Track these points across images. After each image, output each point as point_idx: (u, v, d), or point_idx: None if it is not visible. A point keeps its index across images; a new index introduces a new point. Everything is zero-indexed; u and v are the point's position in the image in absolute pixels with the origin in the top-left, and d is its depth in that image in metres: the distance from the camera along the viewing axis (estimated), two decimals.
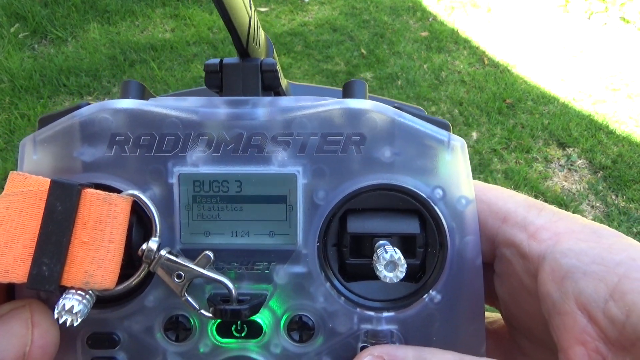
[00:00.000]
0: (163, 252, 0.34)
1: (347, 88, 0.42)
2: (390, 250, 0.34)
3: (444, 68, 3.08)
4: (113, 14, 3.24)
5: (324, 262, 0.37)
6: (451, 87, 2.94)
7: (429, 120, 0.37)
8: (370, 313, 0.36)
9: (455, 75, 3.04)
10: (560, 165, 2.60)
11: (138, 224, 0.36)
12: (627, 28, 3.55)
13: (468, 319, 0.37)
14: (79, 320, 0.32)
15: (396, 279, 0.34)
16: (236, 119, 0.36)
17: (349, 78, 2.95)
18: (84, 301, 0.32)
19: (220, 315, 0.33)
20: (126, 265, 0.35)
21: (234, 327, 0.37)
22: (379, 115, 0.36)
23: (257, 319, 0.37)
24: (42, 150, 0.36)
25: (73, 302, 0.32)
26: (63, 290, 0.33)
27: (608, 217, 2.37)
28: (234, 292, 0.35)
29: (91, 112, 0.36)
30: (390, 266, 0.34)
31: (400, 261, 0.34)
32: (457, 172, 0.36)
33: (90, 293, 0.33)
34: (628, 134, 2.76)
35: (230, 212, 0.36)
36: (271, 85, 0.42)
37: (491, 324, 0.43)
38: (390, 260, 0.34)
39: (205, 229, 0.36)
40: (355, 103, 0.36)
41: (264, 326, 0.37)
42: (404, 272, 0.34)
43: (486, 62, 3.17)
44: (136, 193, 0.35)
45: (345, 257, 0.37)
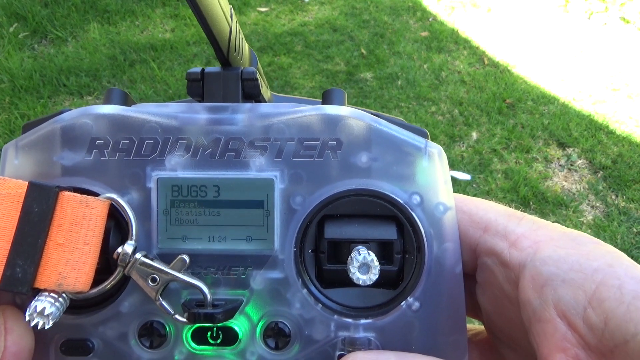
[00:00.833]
0: (138, 256, 0.34)
1: (326, 96, 0.42)
2: (363, 253, 0.34)
3: (444, 68, 3.08)
4: (113, 14, 3.24)
5: (301, 268, 0.37)
6: (451, 87, 2.94)
7: (407, 128, 0.38)
8: (348, 320, 0.36)
9: (455, 75, 3.04)
10: (560, 165, 2.60)
11: (116, 229, 0.36)
12: (627, 28, 3.55)
13: (448, 328, 0.36)
14: (51, 323, 0.32)
15: (369, 281, 0.34)
16: (215, 124, 0.36)
17: (349, 78, 2.96)
18: (57, 304, 0.32)
19: (193, 319, 0.33)
20: (103, 271, 0.35)
21: (209, 334, 0.37)
22: (356, 121, 0.36)
23: (233, 326, 0.37)
24: (24, 155, 0.36)
25: (45, 304, 0.32)
26: (36, 293, 0.33)
27: (608, 217, 2.37)
28: (209, 297, 0.35)
29: (72, 117, 0.36)
30: (364, 268, 0.34)
31: (374, 263, 0.34)
32: (435, 179, 0.36)
33: (63, 296, 0.33)
34: (628, 134, 2.76)
35: (207, 217, 0.36)
36: (251, 93, 0.42)
37: (475, 335, 0.43)
38: (364, 263, 0.34)
39: (182, 234, 0.36)
40: (332, 109, 0.37)
41: (239, 333, 0.37)
42: (377, 275, 0.34)
43: (486, 62, 3.17)
44: (114, 196, 0.35)
45: (322, 263, 0.37)
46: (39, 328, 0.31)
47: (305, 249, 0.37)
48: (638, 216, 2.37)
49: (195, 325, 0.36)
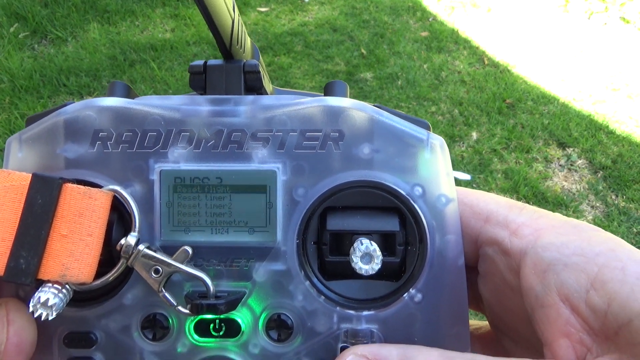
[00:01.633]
0: (141, 247, 0.34)
1: (328, 88, 0.43)
2: (366, 243, 0.34)
3: (444, 68, 3.08)
4: (113, 14, 3.24)
5: (303, 260, 0.37)
6: (451, 87, 2.94)
7: (409, 120, 0.38)
8: (350, 312, 0.36)
9: (455, 75, 3.04)
10: (560, 165, 2.60)
11: (119, 222, 0.36)
12: (627, 28, 3.55)
13: (451, 320, 0.36)
14: (54, 314, 0.32)
15: (372, 271, 0.34)
16: (217, 116, 0.37)
17: (349, 78, 2.96)
18: (60, 295, 0.32)
19: (196, 310, 0.33)
20: (106, 263, 0.35)
21: (212, 326, 0.37)
22: (358, 112, 0.36)
23: (236, 318, 0.37)
24: (27, 148, 0.36)
25: (48, 295, 0.32)
26: (40, 285, 0.33)
27: (608, 217, 2.37)
28: (211, 288, 0.35)
29: (75, 110, 0.37)
30: (366, 258, 0.34)
31: (376, 253, 0.34)
32: (437, 171, 0.36)
33: (67, 287, 0.33)
34: (628, 134, 2.76)
35: (210, 209, 0.37)
36: (254, 86, 0.42)
37: (477, 329, 0.43)
38: (366, 252, 0.34)
39: (185, 226, 0.37)
40: (334, 101, 0.37)
41: (242, 325, 0.37)
42: (379, 265, 0.34)
43: (486, 62, 3.17)
44: (117, 188, 0.35)
45: (325, 255, 0.37)
46: (43, 319, 0.32)
47: (307, 241, 0.37)
48: (638, 216, 2.37)
49: (198, 317, 0.36)
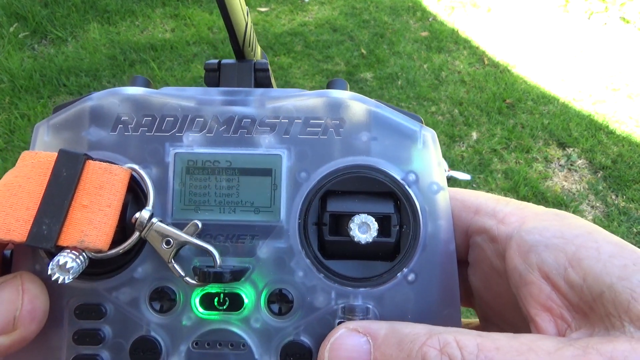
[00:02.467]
0: (154, 220, 0.37)
1: (330, 85, 0.46)
2: (363, 215, 0.38)
3: (444, 68, 3.08)
4: (113, 14, 3.24)
5: (304, 238, 0.39)
6: (451, 87, 2.94)
7: (404, 114, 0.41)
8: (348, 288, 0.39)
9: (455, 75, 3.04)
10: (560, 165, 2.60)
11: (133, 202, 0.39)
12: (627, 28, 3.55)
13: (443, 301, 0.39)
14: (71, 278, 0.34)
15: (370, 238, 0.37)
16: (229, 105, 0.40)
17: (349, 78, 2.95)
18: (77, 260, 0.34)
19: (204, 278, 0.36)
20: (120, 242, 0.37)
21: (216, 300, 0.39)
22: (358, 104, 0.40)
23: (239, 292, 0.39)
24: (54, 132, 0.40)
25: (67, 259, 0.34)
26: (59, 251, 0.35)
27: (608, 217, 2.37)
28: (218, 260, 0.37)
29: (101, 97, 0.40)
30: (363, 227, 0.37)
31: (372, 223, 0.37)
32: (429, 160, 0.40)
33: (84, 254, 0.35)
34: (628, 134, 2.76)
35: (219, 190, 0.40)
36: (263, 83, 0.47)
37: (467, 325, 0.46)
38: (364, 222, 0.37)
39: (195, 205, 0.39)
40: (336, 93, 0.41)
41: (245, 299, 0.39)
42: (375, 234, 0.37)
43: (486, 62, 3.17)
44: (135, 166, 0.38)
45: (324, 235, 0.39)
46: (60, 282, 0.34)
47: (308, 221, 0.40)
48: (638, 216, 2.37)
49: (204, 290, 0.39)
